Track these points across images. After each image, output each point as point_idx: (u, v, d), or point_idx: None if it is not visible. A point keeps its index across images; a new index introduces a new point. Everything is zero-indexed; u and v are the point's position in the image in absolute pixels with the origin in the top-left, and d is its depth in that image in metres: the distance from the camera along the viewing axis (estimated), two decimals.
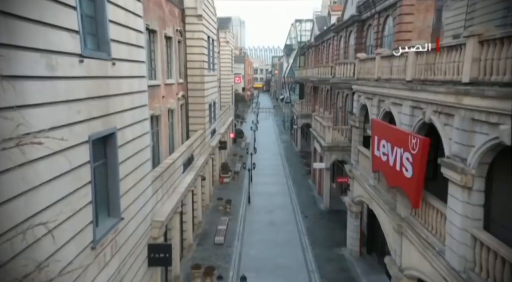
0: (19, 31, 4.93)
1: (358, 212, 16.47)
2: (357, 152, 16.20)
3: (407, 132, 9.63)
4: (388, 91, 11.78)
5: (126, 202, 9.02)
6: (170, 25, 17.62)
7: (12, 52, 4.78)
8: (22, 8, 4.96)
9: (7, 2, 4.70)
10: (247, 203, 24.31)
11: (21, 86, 4.96)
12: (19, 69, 4.93)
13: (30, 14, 5.11)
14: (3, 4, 4.59)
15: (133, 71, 9.56)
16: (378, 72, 13.17)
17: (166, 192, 13.25)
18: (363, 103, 15.05)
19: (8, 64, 4.70)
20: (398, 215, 10.64)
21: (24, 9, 5.01)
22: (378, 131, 12.00)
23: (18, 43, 4.90)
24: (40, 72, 5.45)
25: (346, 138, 22.64)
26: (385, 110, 12.21)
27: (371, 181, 13.75)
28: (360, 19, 20.85)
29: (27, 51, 5.11)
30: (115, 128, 8.33)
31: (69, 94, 6.25)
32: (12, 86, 4.71)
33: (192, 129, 22.05)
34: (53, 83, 5.80)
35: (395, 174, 10.25)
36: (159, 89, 15.87)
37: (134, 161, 9.66)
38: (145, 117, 10.70)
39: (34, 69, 5.31)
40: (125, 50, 9.02)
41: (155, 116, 15.29)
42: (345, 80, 19.84)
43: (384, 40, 17.93)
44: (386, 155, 10.97)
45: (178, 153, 15.55)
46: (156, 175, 12.03)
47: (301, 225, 20.47)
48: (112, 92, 8.19)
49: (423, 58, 9.55)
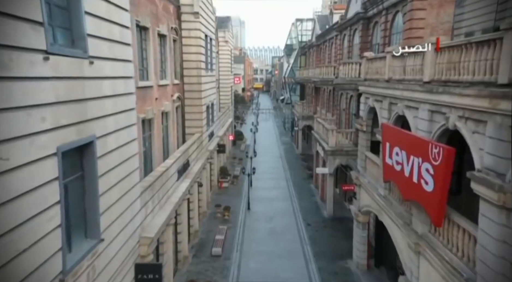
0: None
1: (366, 222, 15.36)
2: (364, 158, 15.11)
3: (426, 139, 8.53)
4: (401, 93, 10.69)
5: (108, 220, 7.92)
6: (164, 22, 16.53)
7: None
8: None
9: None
10: (247, 209, 23.19)
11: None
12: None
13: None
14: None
15: (116, 71, 8.46)
16: (389, 72, 12.08)
17: (158, 203, 12.15)
18: (371, 106, 13.96)
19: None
20: (414, 231, 9.53)
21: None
22: (390, 137, 10.90)
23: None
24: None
25: (351, 142, 21.55)
26: (398, 114, 11.12)
27: (381, 191, 12.65)
28: (366, 16, 19.77)
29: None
30: (93, 137, 7.23)
31: (28, 98, 5.16)
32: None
33: (189, 132, 20.96)
34: (4, 85, 4.70)
35: (411, 186, 9.15)
36: (151, 90, 14.79)
37: (119, 172, 8.57)
38: (132, 122, 9.61)
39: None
40: (107, 47, 7.92)
41: (147, 119, 14.22)
42: (349, 81, 18.76)
43: (392, 38, 16.84)
44: (400, 164, 9.87)
45: (172, 160, 14.45)
46: (146, 185, 10.94)
47: (303, 234, 19.36)
48: (90, 95, 7.09)
49: (444, 56, 8.46)
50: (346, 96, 23.78)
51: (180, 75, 20.09)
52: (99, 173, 7.52)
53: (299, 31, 50.93)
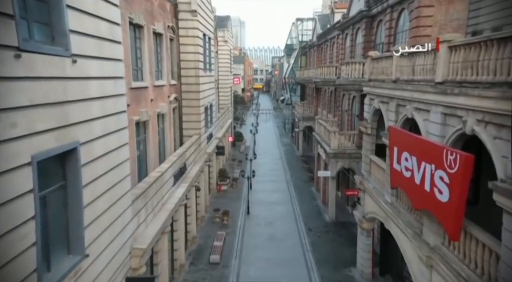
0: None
1: (370, 229, 14.69)
2: (369, 162, 14.46)
3: (440, 145, 7.87)
4: (411, 94, 10.04)
5: (94, 233, 7.27)
6: (160, 20, 15.89)
7: None
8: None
9: None
10: (246, 213, 22.52)
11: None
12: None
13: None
14: None
15: (105, 71, 7.81)
16: (396, 72, 11.44)
17: (152, 211, 11.49)
18: (376, 108, 13.31)
19: None
20: (425, 243, 8.88)
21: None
22: (398, 141, 10.24)
23: None
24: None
25: (354, 144, 20.90)
26: (406, 116, 10.47)
27: (387, 197, 11.99)
28: (369, 14, 19.11)
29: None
30: (77, 143, 6.58)
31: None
32: None
33: (187, 134, 20.30)
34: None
35: (422, 195, 8.50)
36: (146, 91, 14.14)
37: (107, 179, 7.93)
38: (123, 126, 8.96)
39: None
40: (93, 45, 7.28)
41: (141, 122, 13.57)
42: (353, 81, 18.11)
43: (397, 37, 16.18)
44: (410, 170, 9.21)
45: (168, 164, 13.79)
46: (138, 192, 10.28)
47: (305, 240, 18.69)
48: (73, 97, 6.44)
49: (459, 54, 7.81)
50: (349, 97, 23.13)
51: (177, 76, 19.44)
52: (84, 182, 6.88)
53: (300, 30, 50.28)
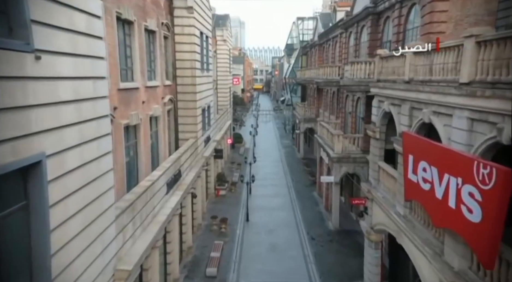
0: None
1: (379, 241, 13.63)
2: (378, 169, 13.39)
3: (469, 156, 6.81)
4: (428, 96, 8.98)
5: (66, 259, 6.21)
6: (153, 16, 14.84)
7: None
8: None
9: None
10: (245, 220, 21.45)
11: None
12: None
13: None
14: None
15: (81, 70, 6.75)
16: (410, 71, 10.38)
17: (141, 225, 10.43)
18: (386, 110, 12.25)
19: None
20: (448, 266, 7.81)
21: None
22: (414, 148, 9.18)
23: None
24: None
25: (359, 148, 19.84)
26: (422, 120, 9.41)
27: (399, 209, 10.92)
28: (376, 11, 18.07)
29: None
30: (42, 155, 5.52)
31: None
32: None
33: (183, 137, 19.26)
34: None
35: (446, 212, 7.44)
36: (137, 93, 13.09)
37: (83, 195, 6.86)
38: (105, 132, 7.90)
39: None
40: (66, 40, 6.22)
41: (131, 126, 12.53)
42: (358, 82, 17.03)
43: (407, 34, 15.13)
44: (429, 183, 8.15)
45: (160, 171, 12.73)
46: (124, 206, 9.23)
47: (307, 250, 17.62)
48: (36, 101, 5.39)
49: (490, 51, 6.75)
50: (353, 98, 22.07)
51: (172, 76, 18.40)
52: (52, 201, 5.82)
53: (300, 30, 49.27)
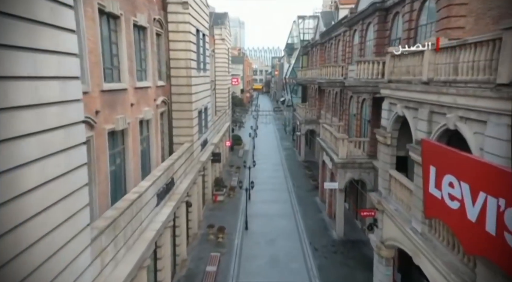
0: None
1: (391, 257, 12.44)
2: (388, 178, 12.21)
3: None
4: (453, 99, 7.80)
5: None
6: (143, 11, 13.66)
7: None
8: None
9: None
10: (244, 229, 20.26)
11: None
12: None
13: None
14: None
15: (42, 68, 5.55)
16: (429, 71, 9.20)
17: (125, 244, 9.23)
18: (399, 114, 11.07)
19: None
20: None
21: None
22: (437, 159, 7.97)
23: None
24: None
25: (365, 153, 18.67)
26: (446, 127, 8.23)
27: (416, 225, 9.74)
28: (384, 6, 16.88)
29: None
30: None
31: None
32: None
33: (177, 142, 18.07)
34: None
35: (481, 238, 6.25)
36: (124, 94, 11.90)
37: (45, 220, 5.64)
38: (78, 142, 6.71)
39: None
40: (20, 31, 5.04)
41: (117, 131, 11.34)
42: (365, 83, 15.83)
43: (419, 31, 13.94)
44: (458, 201, 6.96)
45: (149, 181, 11.52)
46: (103, 225, 8.03)
47: (310, 263, 16.41)
48: None
49: None
50: (358, 100, 20.88)
51: (166, 76, 17.21)
52: (3, 229, 4.65)
53: (301, 29, 48.11)
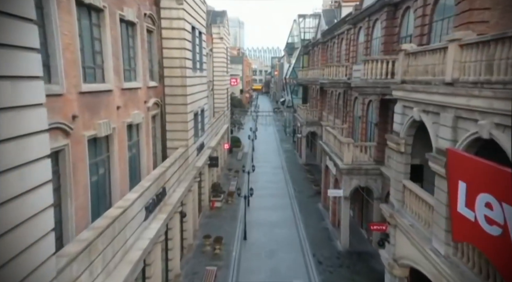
0: None
1: (405, 277, 11.23)
2: (402, 189, 11.02)
3: None
4: (489, 103, 6.61)
5: None
6: (132, 5, 12.47)
7: None
8: None
9: None
10: (243, 239, 19.07)
11: None
12: None
13: None
14: None
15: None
16: (454, 70, 8.02)
17: (104, 269, 8.02)
18: (416, 119, 9.89)
19: None
20: None
21: None
22: (468, 173, 6.80)
23: None
24: None
25: (371, 158, 17.49)
26: (478, 135, 7.04)
27: (438, 246, 8.55)
28: (392, 2, 15.71)
29: None
30: None
31: None
32: None
33: (171, 146, 16.87)
34: None
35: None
36: (109, 96, 10.71)
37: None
38: (39, 156, 5.53)
39: None
40: None
41: (100, 137, 10.14)
42: (373, 83, 14.66)
43: (434, 27, 12.76)
44: (499, 226, 5.79)
45: (136, 194, 10.30)
46: (74, 252, 6.80)
47: (314, 278, 15.21)
48: None
49: None
50: (363, 101, 19.70)
51: (159, 76, 16.01)
52: None
53: (302, 28, 46.94)
